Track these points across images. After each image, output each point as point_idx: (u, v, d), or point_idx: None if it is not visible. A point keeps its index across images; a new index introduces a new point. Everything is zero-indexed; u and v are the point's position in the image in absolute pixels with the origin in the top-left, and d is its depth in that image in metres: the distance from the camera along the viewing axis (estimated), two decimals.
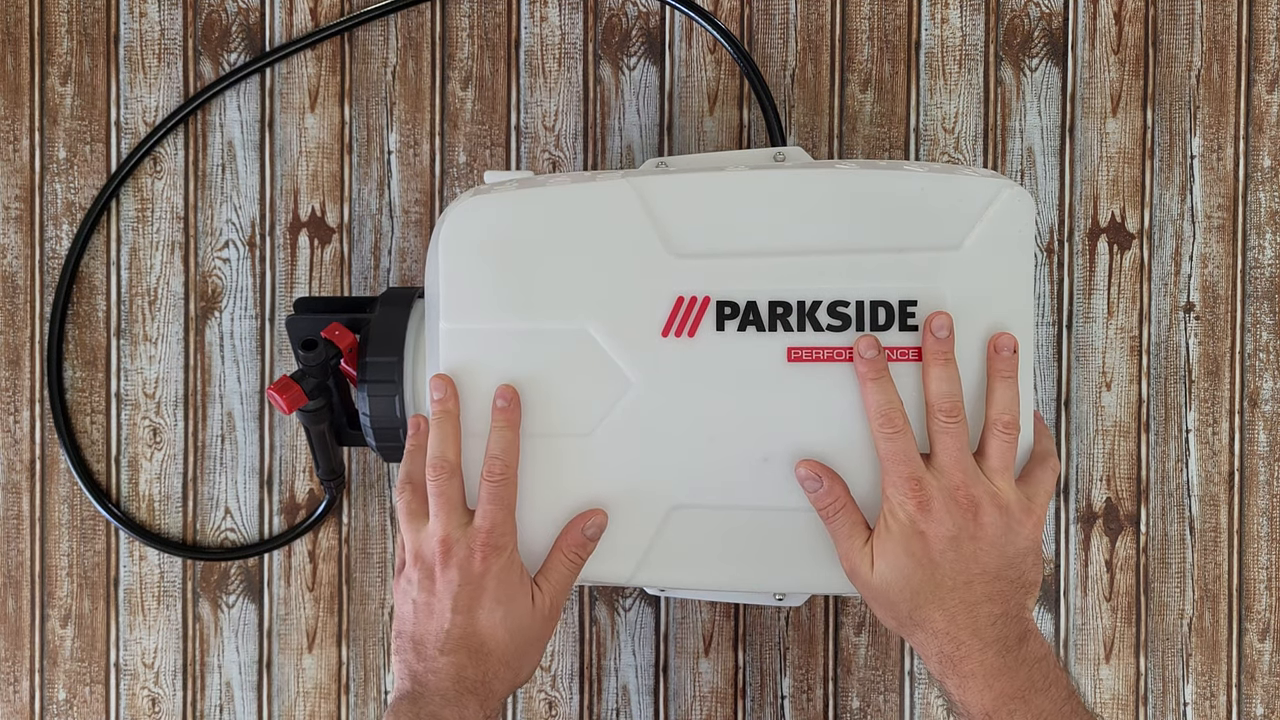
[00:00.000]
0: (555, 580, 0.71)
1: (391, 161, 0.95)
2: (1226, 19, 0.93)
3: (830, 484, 0.68)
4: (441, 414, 0.70)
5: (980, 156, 0.93)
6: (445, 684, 0.67)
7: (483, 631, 0.68)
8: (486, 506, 0.69)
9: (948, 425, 0.66)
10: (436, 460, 0.70)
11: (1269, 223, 0.93)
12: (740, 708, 0.94)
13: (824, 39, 0.94)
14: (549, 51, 0.94)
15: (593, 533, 0.71)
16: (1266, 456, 0.93)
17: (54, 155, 0.95)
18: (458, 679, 0.67)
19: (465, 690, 0.67)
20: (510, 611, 0.68)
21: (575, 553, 0.71)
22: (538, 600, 0.70)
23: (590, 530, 0.70)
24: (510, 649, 0.69)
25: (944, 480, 0.66)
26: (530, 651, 0.71)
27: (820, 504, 0.68)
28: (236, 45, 0.95)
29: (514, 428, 0.70)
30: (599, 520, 0.71)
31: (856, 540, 0.68)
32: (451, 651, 0.68)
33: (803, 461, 0.68)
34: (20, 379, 0.95)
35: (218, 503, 0.95)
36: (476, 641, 0.68)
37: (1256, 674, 0.93)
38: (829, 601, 0.94)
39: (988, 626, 0.64)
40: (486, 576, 0.68)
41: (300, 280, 0.95)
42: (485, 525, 0.68)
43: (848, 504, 0.68)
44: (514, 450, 0.70)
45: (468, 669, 0.67)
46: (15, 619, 0.95)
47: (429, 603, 0.69)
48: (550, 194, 0.71)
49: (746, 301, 0.68)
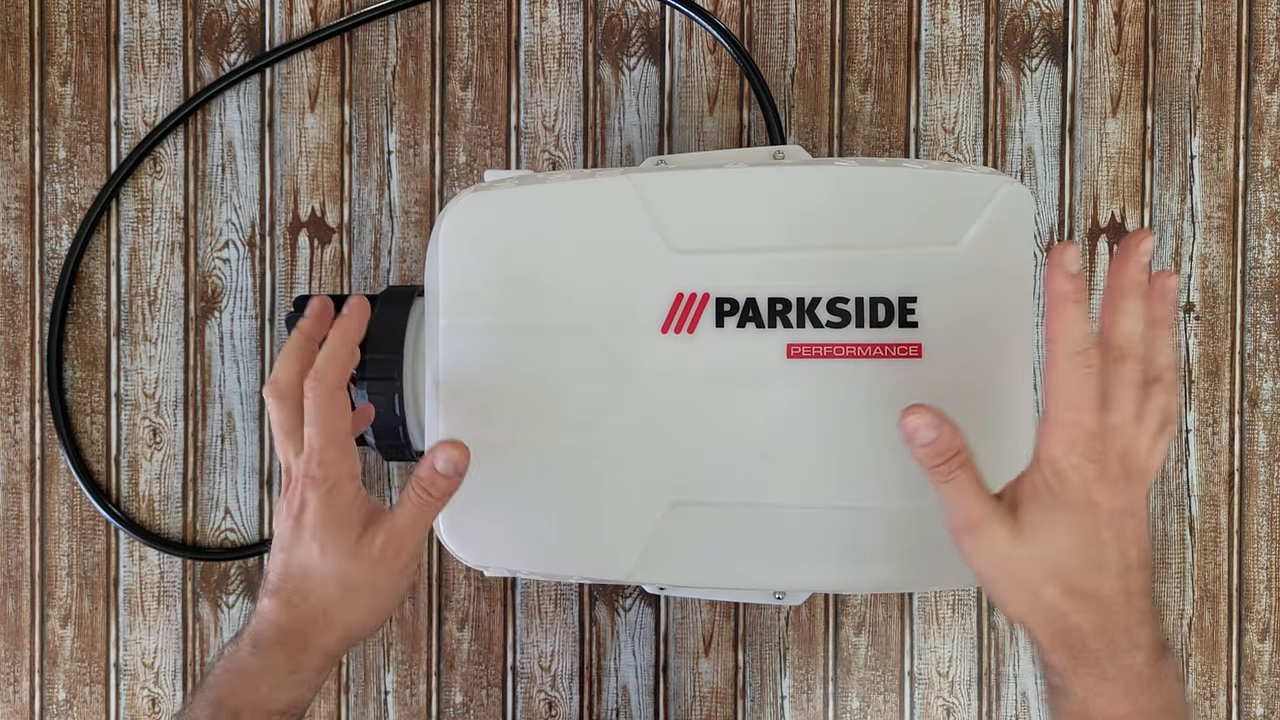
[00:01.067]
0: (399, 519, 0.61)
1: (391, 161, 0.95)
2: (1226, 19, 0.93)
3: (947, 433, 0.56)
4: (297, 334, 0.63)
5: (980, 156, 0.93)
6: (260, 626, 0.60)
7: (298, 574, 0.60)
8: (307, 429, 0.60)
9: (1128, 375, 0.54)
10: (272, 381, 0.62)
11: (1269, 223, 0.93)
12: (740, 708, 0.94)
13: (824, 39, 0.94)
14: (549, 51, 0.94)
15: (445, 468, 0.61)
16: (1266, 456, 0.93)
17: (54, 155, 0.95)
18: (273, 624, 0.60)
19: (274, 638, 0.60)
20: (327, 553, 0.59)
21: (425, 490, 0.61)
22: (365, 541, 0.60)
23: (442, 465, 0.61)
24: (325, 596, 0.60)
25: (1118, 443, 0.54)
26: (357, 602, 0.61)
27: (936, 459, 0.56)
28: (236, 45, 0.95)
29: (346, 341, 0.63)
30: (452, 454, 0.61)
31: (986, 503, 0.56)
32: (269, 594, 0.61)
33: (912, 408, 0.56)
34: (20, 379, 0.95)
35: (218, 503, 0.95)
36: (292, 585, 0.60)
37: (1256, 674, 0.93)
38: (829, 601, 0.93)
39: (1139, 626, 0.54)
40: (305, 511, 0.60)
41: (300, 280, 0.95)
42: (305, 451, 0.60)
43: (969, 458, 0.56)
44: (337, 365, 0.61)
45: (281, 614, 0.60)
46: (15, 619, 0.95)
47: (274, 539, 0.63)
48: (550, 191, 0.71)
49: (746, 298, 0.68)
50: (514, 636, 0.94)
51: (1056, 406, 0.55)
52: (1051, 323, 0.55)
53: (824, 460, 0.69)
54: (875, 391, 0.68)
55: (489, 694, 0.94)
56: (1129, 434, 0.54)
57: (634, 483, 0.71)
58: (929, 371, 0.68)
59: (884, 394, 0.68)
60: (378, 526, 0.61)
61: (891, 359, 0.68)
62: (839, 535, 0.70)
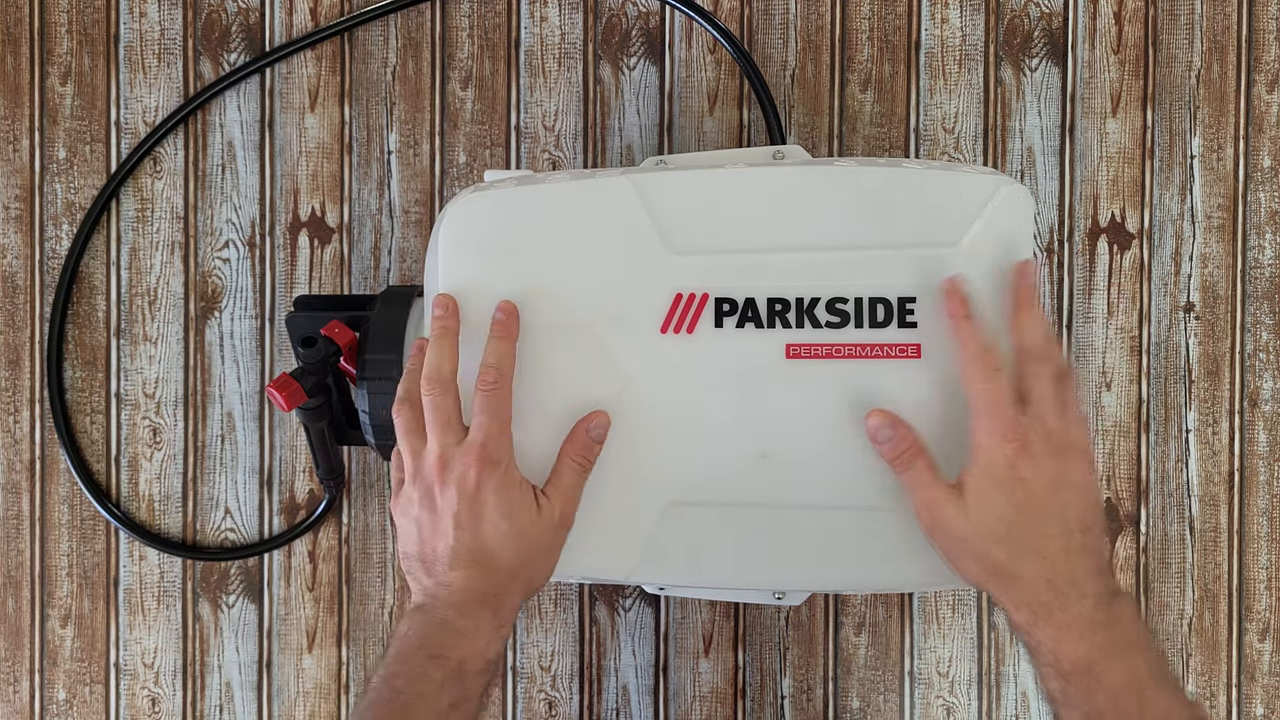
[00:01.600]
0: (563, 487, 0.69)
1: (391, 161, 0.95)
2: (1226, 19, 0.93)
3: (902, 431, 0.67)
4: (440, 330, 0.69)
5: (980, 156, 0.93)
6: (457, 596, 0.67)
7: (488, 546, 0.67)
8: (480, 418, 0.68)
9: (1042, 370, 0.65)
10: (431, 375, 0.69)
11: (1269, 223, 0.93)
12: (740, 708, 0.94)
13: (824, 39, 0.94)
14: (549, 51, 0.94)
15: (598, 434, 0.70)
16: (1266, 456, 0.93)
17: (54, 155, 0.95)
18: (468, 590, 0.67)
19: (476, 601, 0.67)
20: (514, 524, 0.67)
21: (583, 456, 0.70)
22: (545, 509, 0.69)
23: (595, 431, 0.69)
24: (517, 560, 0.68)
25: (1040, 425, 0.64)
26: (540, 561, 0.70)
27: (893, 453, 0.67)
28: (236, 45, 0.95)
29: (510, 339, 0.69)
30: (602, 421, 0.70)
31: (939, 487, 0.65)
32: (461, 566, 0.67)
33: (873, 411, 0.67)
34: (20, 379, 0.95)
35: (218, 503, 0.95)
36: (484, 555, 0.67)
37: (1256, 674, 0.93)
38: (829, 601, 0.93)
39: (1086, 578, 0.63)
40: (483, 490, 0.67)
41: (300, 280, 0.95)
42: (479, 439, 0.67)
43: (922, 450, 0.66)
44: (509, 360, 0.69)
45: (477, 581, 0.67)
46: (15, 619, 0.95)
47: (433, 521, 0.68)
48: (550, 191, 0.71)
49: (745, 298, 0.68)
50: (514, 636, 0.94)
51: (979, 403, 0.65)
52: (956, 336, 0.66)
53: (823, 461, 0.69)
54: (874, 392, 0.68)
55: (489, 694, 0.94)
56: (1051, 420, 0.64)
57: (633, 483, 0.71)
58: (928, 372, 0.68)
59: (883, 394, 0.68)
60: (550, 496, 0.69)
61: (890, 359, 0.68)
62: (838, 536, 0.70)
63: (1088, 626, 0.62)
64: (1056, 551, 0.63)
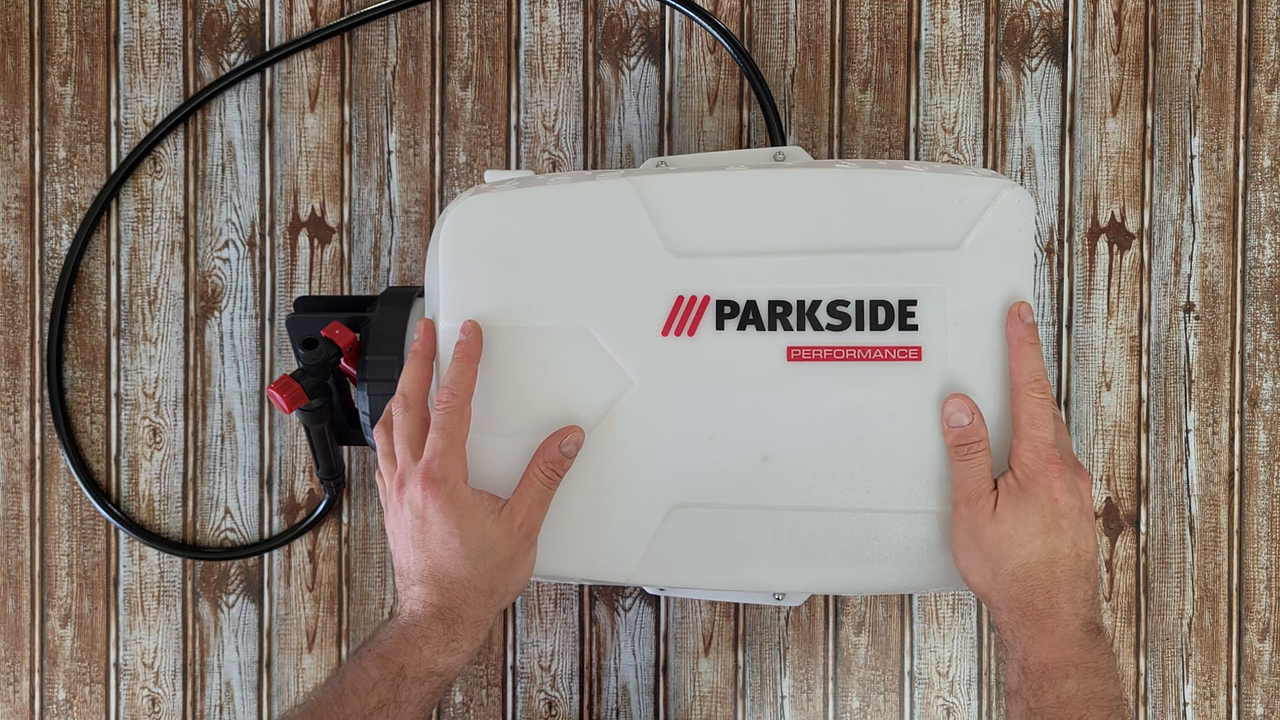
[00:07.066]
0: (528, 497, 0.70)
1: (391, 161, 0.95)
2: (1226, 19, 0.93)
3: (977, 422, 0.69)
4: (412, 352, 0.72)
5: (980, 156, 0.93)
6: (415, 606, 0.69)
7: (439, 563, 0.69)
8: (431, 435, 0.69)
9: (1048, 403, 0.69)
10: (397, 395, 0.71)
11: (1269, 223, 0.93)
12: (740, 708, 0.94)
13: (824, 39, 0.94)
14: (549, 51, 0.94)
15: (569, 449, 0.70)
16: (1266, 456, 0.93)
17: (54, 155, 0.95)
18: (425, 603, 0.69)
19: (431, 614, 0.69)
20: (463, 539, 0.68)
21: (551, 469, 0.70)
22: (505, 519, 0.69)
23: (567, 447, 0.70)
24: (473, 573, 0.69)
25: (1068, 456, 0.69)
26: (502, 572, 0.70)
27: (964, 439, 0.68)
28: (236, 45, 0.95)
29: (471, 360, 0.70)
30: (575, 437, 0.70)
31: (985, 484, 0.68)
32: (418, 582, 0.70)
33: (954, 395, 0.69)
34: (20, 379, 0.95)
35: (218, 503, 0.95)
36: (437, 572, 0.69)
37: (1256, 674, 0.93)
38: (829, 601, 0.94)
39: (1082, 601, 0.66)
40: (429, 509, 0.68)
41: (300, 280, 0.95)
42: (427, 456, 0.69)
43: (989, 447, 0.69)
44: (465, 380, 0.70)
45: (433, 596, 0.69)
46: (15, 619, 0.95)
47: (397, 538, 0.71)
48: (550, 193, 0.71)
49: (746, 301, 0.68)
50: (514, 636, 0.94)
51: (1022, 424, 0.68)
52: (1013, 360, 0.69)
53: (824, 463, 0.69)
54: (875, 394, 0.68)
55: (489, 694, 0.94)
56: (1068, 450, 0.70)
57: (635, 485, 0.71)
58: (929, 374, 0.68)
59: (884, 397, 0.69)
60: (512, 506, 0.70)
61: (892, 362, 0.68)
62: (839, 538, 0.71)
63: (1066, 640, 0.65)
64: (1065, 570, 0.66)
